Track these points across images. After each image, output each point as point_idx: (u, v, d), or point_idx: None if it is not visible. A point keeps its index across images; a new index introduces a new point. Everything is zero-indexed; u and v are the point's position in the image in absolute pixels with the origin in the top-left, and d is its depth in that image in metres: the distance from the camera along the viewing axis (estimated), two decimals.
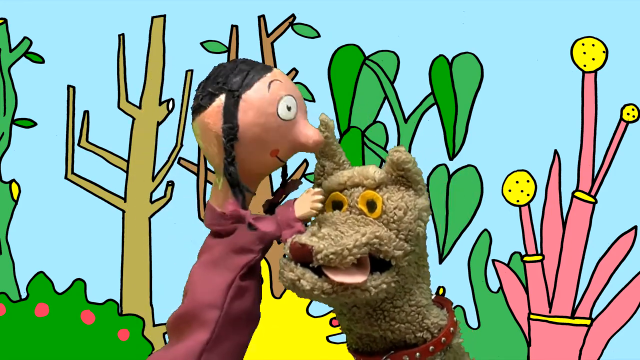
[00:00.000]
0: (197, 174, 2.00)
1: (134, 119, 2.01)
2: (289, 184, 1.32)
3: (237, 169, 1.19)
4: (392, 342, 1.09)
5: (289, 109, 1.18)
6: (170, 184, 2.01)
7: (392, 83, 1.96)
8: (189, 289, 1.23)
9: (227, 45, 1.99)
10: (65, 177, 2.01)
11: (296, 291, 1.04)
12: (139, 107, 2.01)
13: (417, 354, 1.09)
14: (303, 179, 1.98)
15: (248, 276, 1.20)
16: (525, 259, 1.95)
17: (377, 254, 1.04)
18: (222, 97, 1.17)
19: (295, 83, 1.99)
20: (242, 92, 1.17)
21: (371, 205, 1.07)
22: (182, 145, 2.01)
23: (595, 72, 1.93)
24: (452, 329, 1.12)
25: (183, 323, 1.22)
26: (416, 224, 1.06)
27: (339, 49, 1.97)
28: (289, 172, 1.99)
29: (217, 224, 1.22)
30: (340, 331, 1.97)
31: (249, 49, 1.98)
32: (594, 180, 1.94)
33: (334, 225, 1.05)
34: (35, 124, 2.02)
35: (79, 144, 2.01)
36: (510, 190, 1.95)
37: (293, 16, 1.98)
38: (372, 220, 1.06)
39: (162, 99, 2.01)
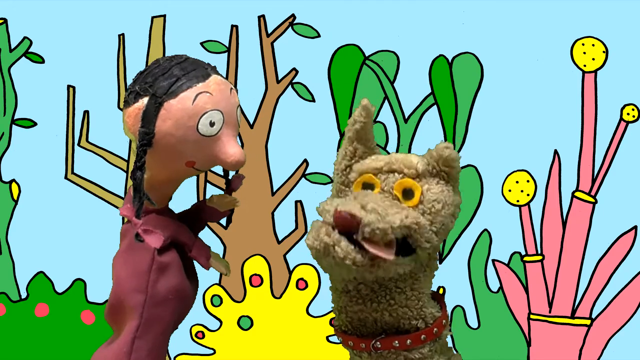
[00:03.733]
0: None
1: None
2: (234, 181, 1.29)
3: (143, 176, 1.16)
4: (383, 327, 1.10)
5: (211, 124, 1.14)
6: None
7: (392, 83, 1.96)
8: (113, 277, 1.22)
9: (227, 45, 1.99)
10: (65, 177, 2.01)
11: (324, 257, 1.01)
12: None
13: (409, 341, 1.09)
14: (303, 179, 2.00)
15: (168, 251, 1.19)
16: (525, 259, 1.95)
17: (409, 239, 1.04)
18: (145, 99, 1.14)
19: (295, 83, 2.01)
20: (164, 100, 1.13)
21: (408, 193, 1.07)
22: None
23: (595, 72, 1.93)
24: (444, 321, 1.13)
25: (115, 313, 1.21)
26: (449, 220, 1.08)
27: (339, 49, 1.97)
28: (289, 171, 2.00)
29: (128, 213, 1.21)
30: None
31: (249, 49, 1.98)
32: (594, 180, 1.94)
33: (374, 202, 1.03)
34: (35, 124, 2.02)
35: (79, 144, 2.01)
36: (510, 190, 1.95)
37: (293, 16, 1.98)
38: (406, 207, 1.05)
39: None
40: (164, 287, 1.19)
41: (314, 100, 1.98)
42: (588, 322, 1.94)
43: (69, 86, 2.01)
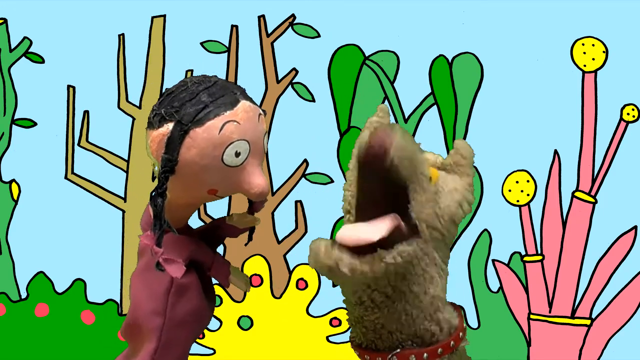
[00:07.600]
0: None
1: (134, 119, 2.01)
2: (256, 203, 1.26)
3: (164, 203, 1.12)
4: (398, 339, 1.08)
5: (237, 154, 1.11)
6: None
7: (392, 83, 1.96)
8: (132, 297, 1.19)
9: (227, 45, 1.99)
10: (65, 177, 2.01)
11: (332, 278, 1.00)
12: (139, 107, 2.01)
13: (425, 354, 1.08)
14: (303, 179, 2.00)
15: (187, 271, 1.16)
16: (525, 259, 1.95)
17: (412, 212, 1.04)
18: (171, 125, 1.11)
19: (295, 83, 2.01)
20: (190, 127, 1.10)
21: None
22: None
23: (595, 72, 1.93)
24: (461, 333, 1.12)
25: (132, 332, 1.19)
26: (454, 205, 1.09)
27: (339, 49, 1.97)
28: (289, 171, 2.00)
29: (149, 241, 1.17)
30: (340, 331, 1.97)
31: (249, 49, 1.98)
32: (594, 180, 1.94)
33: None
34: (35, 124, 2.02)
35: (79, 144, 2.01)
36: (510, 190, 1.95)
37: (293, 16, 1.98)
38: None
39: None
40: (183, 310, 1.17)
41: (314, 100, 1.98)
42: (588, 322, 1.94)
43: (69, 86, 2.01)
